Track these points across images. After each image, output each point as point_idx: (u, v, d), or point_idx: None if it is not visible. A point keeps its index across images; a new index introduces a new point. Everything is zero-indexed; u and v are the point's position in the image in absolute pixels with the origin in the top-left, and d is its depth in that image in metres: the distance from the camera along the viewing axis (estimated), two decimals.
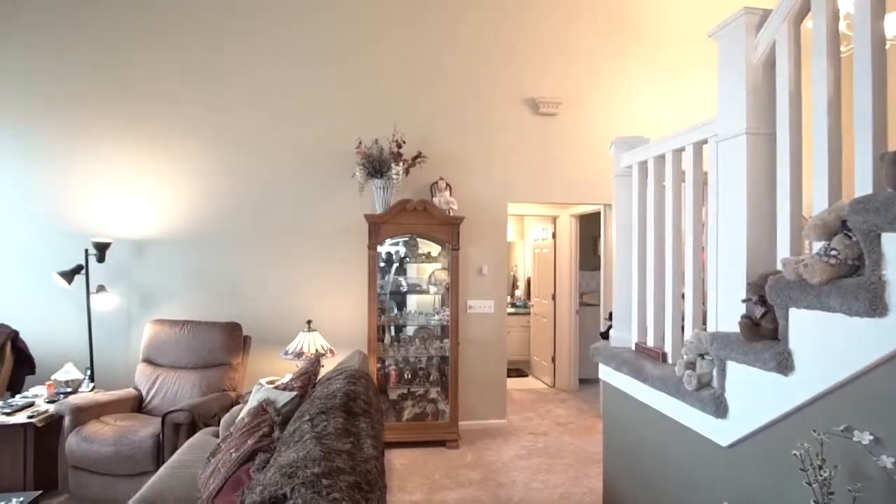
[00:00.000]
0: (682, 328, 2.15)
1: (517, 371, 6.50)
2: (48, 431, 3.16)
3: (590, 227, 5.86)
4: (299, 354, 3.43)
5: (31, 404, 3.27)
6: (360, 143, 4.07)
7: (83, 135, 4.06)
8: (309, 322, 3.70)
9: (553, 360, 5.88)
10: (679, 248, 2.17)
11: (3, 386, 3.57)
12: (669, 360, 2.17)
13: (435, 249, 4.38)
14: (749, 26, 1.73)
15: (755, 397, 1.57)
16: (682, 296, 2.16)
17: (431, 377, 4.18)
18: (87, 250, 3.84)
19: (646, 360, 2.28)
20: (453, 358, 4.04)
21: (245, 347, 3.79)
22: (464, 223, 4.09)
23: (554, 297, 5.86)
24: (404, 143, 4.08)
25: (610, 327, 2.79)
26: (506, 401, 4.57)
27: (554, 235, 5.92)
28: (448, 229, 4.04)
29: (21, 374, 3.71)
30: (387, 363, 4.15)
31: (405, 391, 4.18)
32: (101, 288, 3.87)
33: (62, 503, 3.08)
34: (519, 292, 7.58)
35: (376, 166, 3.98)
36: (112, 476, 3.02)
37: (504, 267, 4.60)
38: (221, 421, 2.89)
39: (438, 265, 4.34)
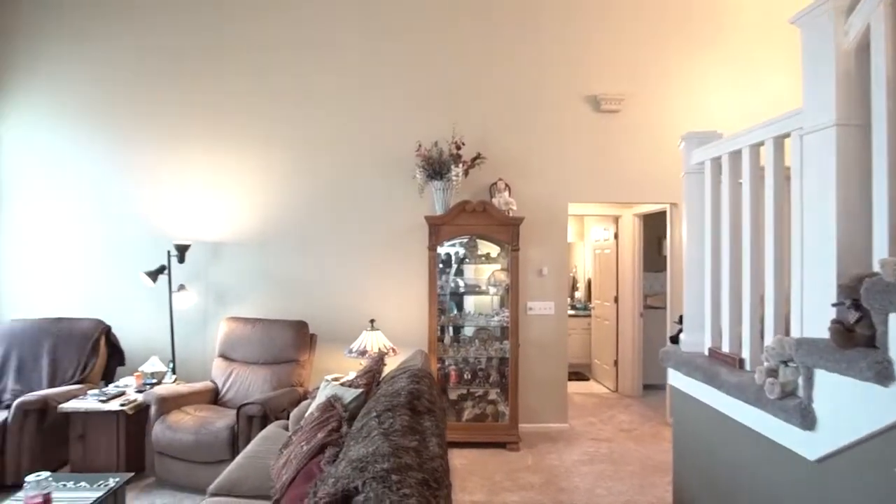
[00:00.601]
0: (761, 333, 2.03)
1: (578, 375, 6.36)
2: (137, 419, 3.42)
3: (654, 226, 5.65)
4: (363, 353, 3.52)
5: (123, 393, 3.55)
6: (419, 145, 4.13)
7: (166, 144, 4.36)
8: (372, 321, 3.79)
9: (615, 364, 5.71)
10: (758, 248, 2.05)
11: (98, 376, 3.90)
12: (747, 367, 2.05)
13: (494, 250, 4.37)
14: (838, 10, 1.61)
15: (848, 409, 1.46)
16: (761, 299, 2.04)
17: (491, 378, 4.17)
18: (169, 252, 4.13)
19: (721, 366, 2.17)
20: (513, 360, 4.02)
21: (311, 345, 3.94)
22: (523, 224, 4.06)
23: (616, 300, 5.69)
24: (463, 144, 4.11)
25: (680, 331, 2.67)
26: (567, 404, 4.48)
27: (616, 236, 5.75)
28: (507, 230, 4.02)
29: (113, 365, 4.04)
30: (446, 363, 4.18)
31: (465, 392, 4.20)
32: (181, 287, 4.15)
33: (149, 485, 3.32)
34: (579, 294, 7.41)
35: (436, 168, 4.03)
36: (192, 462, 3.22)
37: (564, 268, 4.52)
38: (291, 415, 3.02)
39: (497, 266, 4.33)
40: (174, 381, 3.86)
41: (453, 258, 4.37)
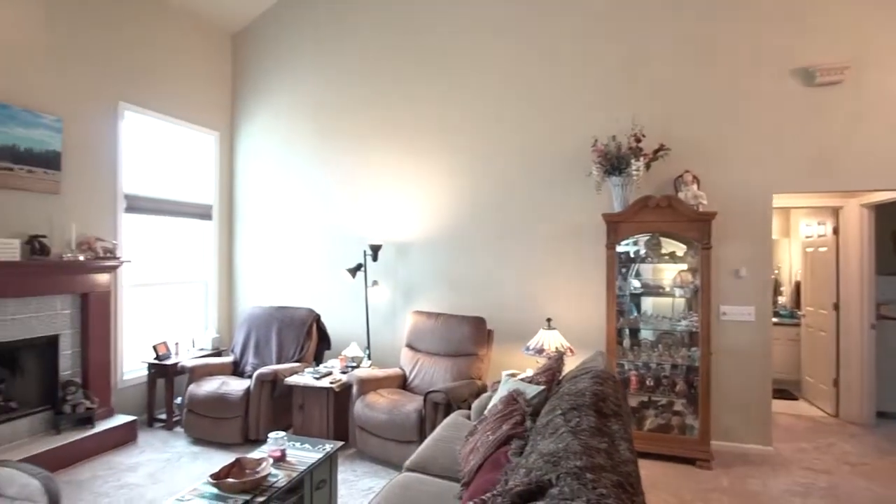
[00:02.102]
0: None
1: (783, 393, 5.51)
2: (341, 396, 3.94)
3: (889, 219, 4.62)
4: (540, 351, 3.54)
5: (330, 373, 4.11)
6: (595, 141, 4.00)
7: (361, 155, 4.94)
8: (549, 320, 3.79)
9: (835, 383, 4.80)
10: None
11: (311, 356, 4.59)
12: None
13: (680, 249, 4.03)
14: None
15: None
16: None
17: (677, 387, 3.85)
18: (365, 251, 4.67)
19: None
20: (704, 369, 3.65)
21: (489, 340, 4.09)
22: (715, 219, 3.67)
23: (836, 307, 4.79)
24: (644, 136, 3.86)
25: None
26: (771, 425, 3.92)
27: (835, 231, 4.84)
28: (697, 226, 3.67)
29: (322, 348, 4.71)
30: (626, 368, 3.98)
31: (646, 399, 3.95)
32: (374, 283, 4.66)
33: (351, 455, 3.80)
34: (782, 299, 6.42)
35: (614, 163, 3.86)
36: (385, 439, 3.60)
37: (767, 269, 3.96)
38: (473, 405, 3.18)
39: (684, 266, 3.98)
40: (370, 366, 4.34)
41: (633, 257, 4.14)
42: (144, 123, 4.61)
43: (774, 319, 5.53)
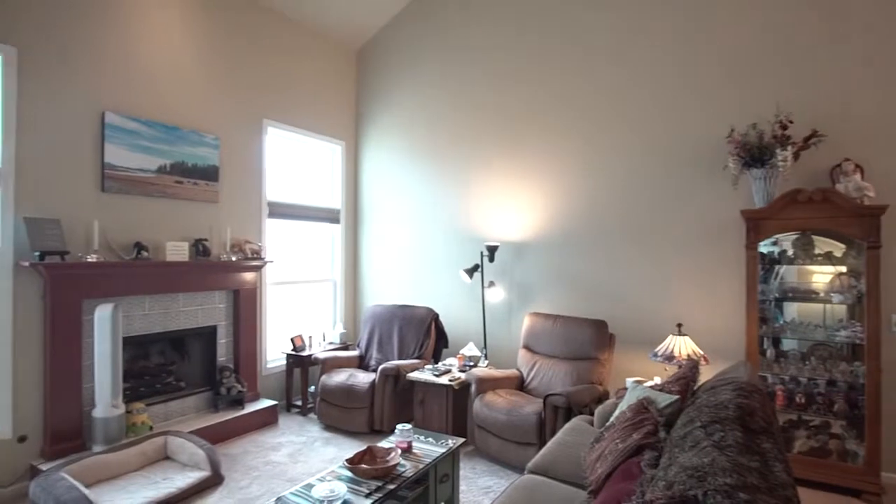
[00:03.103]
0: None
1: None
2: (459, 394, 4.02)
3: None
4: (669, 358, 3.32)
5: (449, 371, 4.22)
6: (731, 131, 3.65)
7: (475, 157, 5.01)
8: (679, 325, 3.54)
9: None
10: None
11: (429, 354, 4.74)
12: None
13: (838, 248, 3.53)
14: None
15: None
16: None
17: (835, 407, 3.37)
18: (482, 252, 4.73)
19: None
20: (871, 388, 3.16)
21: (610, 345, 3.92)
22: (885, 214, 3.16)
23: None
24: (791, 123, 3.45)
25: None
26: None
27: None
28: (861, 222, 3.19)
29: (440, 346, 4.85)
30: (770, 381, 3.57)
31: (795, 417, 3.51)
32: (491, 283, 4.70)
33: (470, 452, 3.86)
34: None
35: (755, 154, 3.49)
36: (504, 440, 3.60)
37: None
38: (596, 411, 3.07)
39: (843, 268, 3.48)
40: (486, 366, 4.38)
41: (778, 258, 3.71)
42: (281, 137, 5.11)
43: None
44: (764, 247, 3.65)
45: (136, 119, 3.81)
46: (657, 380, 3.49)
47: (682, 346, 3.37)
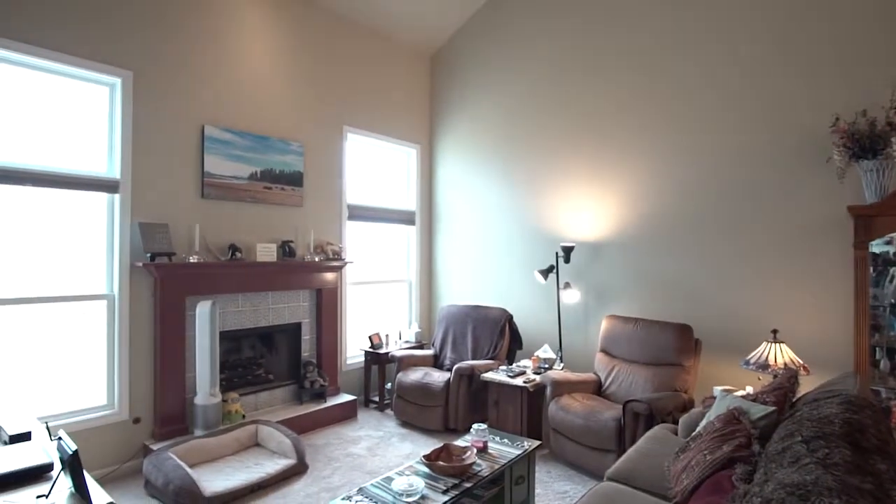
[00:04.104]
0: None
1: None
2: (534, 396, 3.97)
3: None
4: (763, 366, 3.08)
5: (523, 372, 4.18)
6: (836, 119, 3.32)
7: (549, 159, 4.93)
8: (775, 331, 3.28)
9: None
10: None
11: (503, 355, 4.73)
12: None
13: None
14: None
15: None
16: None
17: None
18: (557, 253, 4.64)
19: None
20: None
21: (696, 351, 3.71)
22: None
23: None
24: None
25: None
26: None
27: None
28: None
29: (514, 348, 4.82)
30: (884, 395, 3.22)
31: None
32: (566, 284, 4.60)
33: (545, 456, 3.80)
34: None
35: (864, 145, 3.16)
36: (581, 445, 3.52)
37: None
38: (681, 420, 2.92)
39: None
40: (562, 369, 4.30)
41: (893, 259, 3.33)
42: (360, 142, 5.31)
43: None
44: (876, 246, 3.30)
45: (230, 130, 4.12)
46: (749, 389, 3.26)
47: (779, 353, 3.12)
